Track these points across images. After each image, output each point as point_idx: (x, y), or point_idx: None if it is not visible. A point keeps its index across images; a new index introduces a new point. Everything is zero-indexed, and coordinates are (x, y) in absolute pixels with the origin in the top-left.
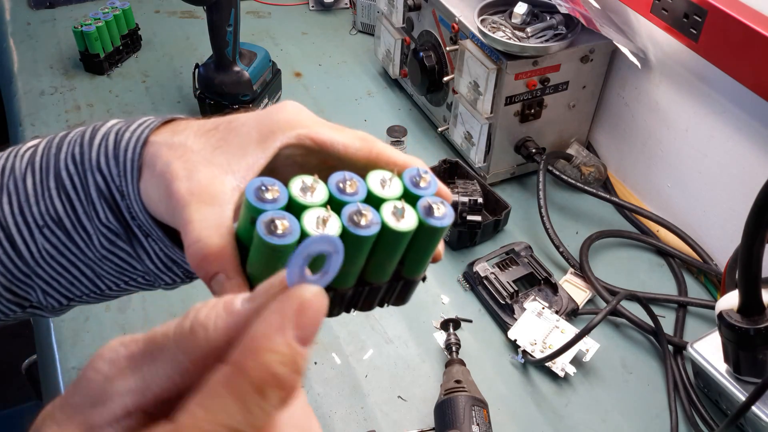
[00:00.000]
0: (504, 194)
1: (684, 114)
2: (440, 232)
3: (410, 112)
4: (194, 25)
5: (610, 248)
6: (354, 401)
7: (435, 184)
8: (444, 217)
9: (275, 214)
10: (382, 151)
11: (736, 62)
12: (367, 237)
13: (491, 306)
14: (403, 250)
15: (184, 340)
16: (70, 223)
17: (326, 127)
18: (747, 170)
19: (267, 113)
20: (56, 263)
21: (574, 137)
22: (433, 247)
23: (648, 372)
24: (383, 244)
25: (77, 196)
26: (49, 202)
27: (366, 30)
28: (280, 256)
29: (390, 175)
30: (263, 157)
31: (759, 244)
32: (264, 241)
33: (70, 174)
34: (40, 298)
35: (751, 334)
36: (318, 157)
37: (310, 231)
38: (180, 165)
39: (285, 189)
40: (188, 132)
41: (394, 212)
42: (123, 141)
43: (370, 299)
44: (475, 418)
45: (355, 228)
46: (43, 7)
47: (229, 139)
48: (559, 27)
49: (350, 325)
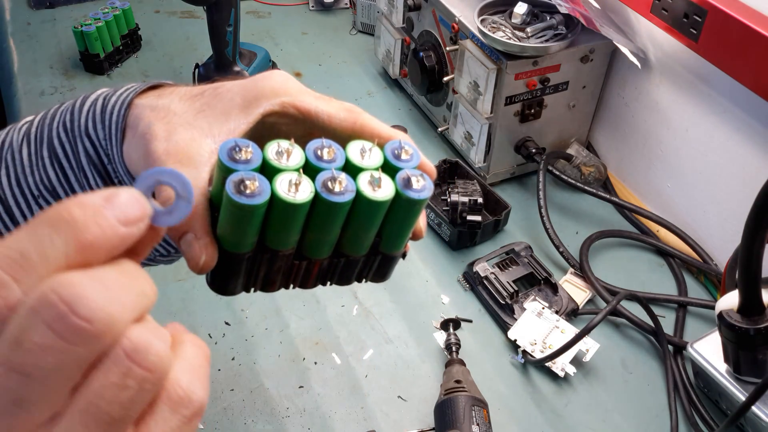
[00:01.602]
0: (504, 194)
1: (684, 114)
2: (418, 205)
3: (410, 112)
4: (194, 25)
5: (610, 248)
6: (354, 401)
7: (417, 157)
8: (422, 190)
9: (246, 174)
10: (367, 123)
11: (736, 62)
12: (340, 203)
13: (491, 306)
14: (380, 222)
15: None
16: (63, 192)
17: (312, 96)
18: (747, 170)
19: (253, 80)
20: None
21: (574, 137)
22: (411, 222)
23: (648, 372)
24: (358, 213)
25: (69, 163)
26: (42, 172)
27: (366, 30)
28: (249, 217)
29: (370, 145)
30: (245, 122)
31: (759, 244)
32: (232, 200)
33: (61, 142)
34: None
35: (751, 334)
36: (303, 127)
37: (281, 194)
38: (161, 126)
39: (260, 151)
40: (173, 96)
41: (370, 181)
42: (109, 105)
43: (347, 273)
44: (475, 418)
45: (327, 194)
46: (43, 7)
47: (213, 104)
48: (559, 27)
49: (350, 325)
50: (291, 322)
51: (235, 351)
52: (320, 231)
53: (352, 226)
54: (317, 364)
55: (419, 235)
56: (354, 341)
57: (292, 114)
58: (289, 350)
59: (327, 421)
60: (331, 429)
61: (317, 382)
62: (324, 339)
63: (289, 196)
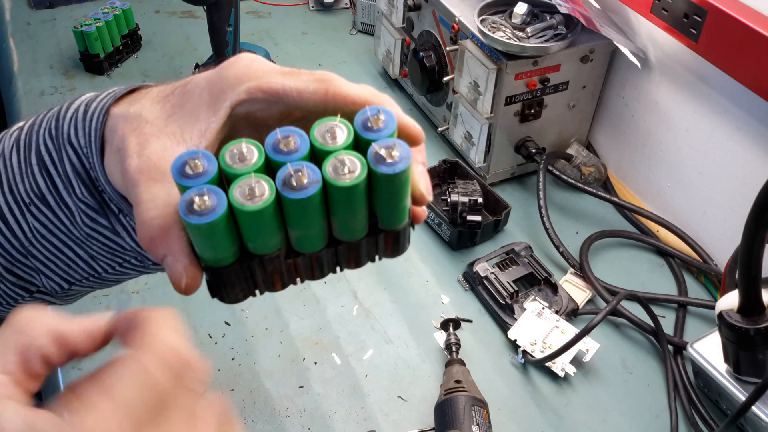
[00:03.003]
0: (504, 194)
1: (684, 114)
2: (397, 180)
3: (410, 112)
4: (194, 25)
5: (610, 248)
6: (354, 401)
7: (392, 122)
8: (397, 162)
9: (196, 191)
10: (339, 91)
11: (736, 62)
12: (305, 199)
13: (491, 306)
14: (364, 203)
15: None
16: (53, 200)
17: (279, 74)
18: (747, 170)
19: (217, 71)
20: (47, 242)
21: (574, 137)
22: (401, 195)
23: (648, 372)
24: (334, 201)
25: (56, 170)
26: (32, 179)
27: (366, 30)
28: (211, 234)
29: (337, 122)
30: (215, 120)
31: (759, 244)
32: (185, 220)
33: (48, 149)
34: (43, 281)
35: (751, 334)
36: (279, 108)
37: (238, 203)
38: (133, 139)
39: (214, 160)
40: (145, 100)
41: (336, 166)
42: (89, 112)
43: (354, 256)
44: (475, 418)
45: (289, 192)
46: (43, 7)
47: (183, 104)
48: (559, 27)
49: (350, 325)
50: (291, 322)
51: (235, 351)
52: (299, 227)
53: (336, 213)
54: (317, 364)
55: (422, 200)
56: (354, 341)
57: (263, 98)
58: (289, 350)
59: (327, 421)
60: (331, 429)
61: (317, 382)
62: (324, 339)
63: (247, 203)
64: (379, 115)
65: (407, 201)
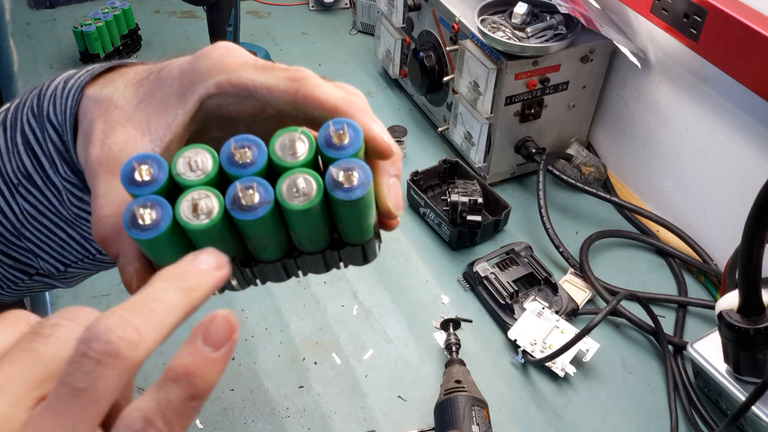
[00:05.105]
0: (504, 194)
1: (684, 114)
2: (355, 205)
3: (410, 112)
4: (194, 25)
5: (610, 248)
6: (354, 401)
7: (357, 139)
8: (355, 188)
9: (142, 201)
10: (310, 93)
11: (736, 62)
12: (254, 220)
13: (491, 306)
14: (321, 222)
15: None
16: (41, 180)
17: (252, 69)
18: (747, 170)
19: (191, 60)
20: (39, 224)
21: (574, 137)
22: (362, 216)
23: (648, 372)
24: (289, 220)
25: (41, 149)
26: (18, 160)
27: (366, 30)
28: (156, 246)
29: (299, 134)
30: (182, 113)
31: (759, 244)
32: (128, 232)
33: (32, 128)
34: (40, 264)
35: (751, 334)
36: (251, 104)
37: (183, 219)
38: (99, 126)
39: (165, 167)
40: (119, 82)
41: (290, 186)
42: (65, 89)
43: (315, 266)
44: (475, 418)
45: (238, 212)
46: (43, 7)
47: (154, 92)
48: (559, 27)
49: (350, 325)
50: (291, 322)
51: (234, 351)
52: (253, 241)
53: (293, 229)
54: (317, 364)
55: (389, 216)
56: (354, 341)
57: (233, 93)
58: (289, 350)
59: (327, 421)
60: (331, 429)
61: (317, 382)
62: (324, 339)
63: (193, 221)
64: (343, 131)
65: (370, 220)
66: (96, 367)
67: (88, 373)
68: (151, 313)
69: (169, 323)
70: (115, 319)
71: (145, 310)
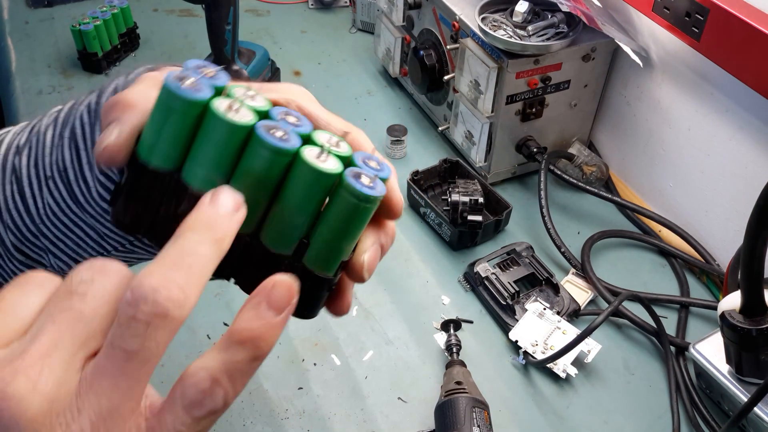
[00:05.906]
0: (505, 194)
1: (686, 113)
2: (362, 203)
3: (410, 111)
4: (193, 23)
5: (612, 248)
6: (354, 403)
7: (387, 172)
8: (372, 187)
9: (193, 74)
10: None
11: (738, 61)
12: (276, 148)
13: (492, 307)
14: (312, 208)
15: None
16: (74, 173)
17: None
18: (750, 170)
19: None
20: (58, 221)
21: (576, 136)
22: (351, 227)
23: (650, 373)
24: (291, 182)
25: (84, 144)
26: (59, 152)
27: (366, 28)
28: (168, 119)
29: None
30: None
31: (761, 245)
32: (167, 86)
33: (83, 123)
34: (52, 261)
35: (753, 335)
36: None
37: (219, 110)
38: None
39: (226, 77)
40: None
41: (318, 154)
42: (119, 88)
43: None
44: (475, 419)
45: (265, 133)
46: (41, 5)
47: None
48: (560, 25)
49: (350, 326)
50: (290, 322)
51: None
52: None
53: (281, 199)
54: (317, 365)
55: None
56: (354, 342)
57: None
58: (288, 351)
59: (326, 422)
60: (330, 431)
61: (317, 384)
62: (323, 340)
63: (228, 114)
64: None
65: (351, 244)
66: (146, 330)
67: (139, 336)
68: (190, 270)
69: (206, 278)
70: (157, 278)
71: (184, 266)
